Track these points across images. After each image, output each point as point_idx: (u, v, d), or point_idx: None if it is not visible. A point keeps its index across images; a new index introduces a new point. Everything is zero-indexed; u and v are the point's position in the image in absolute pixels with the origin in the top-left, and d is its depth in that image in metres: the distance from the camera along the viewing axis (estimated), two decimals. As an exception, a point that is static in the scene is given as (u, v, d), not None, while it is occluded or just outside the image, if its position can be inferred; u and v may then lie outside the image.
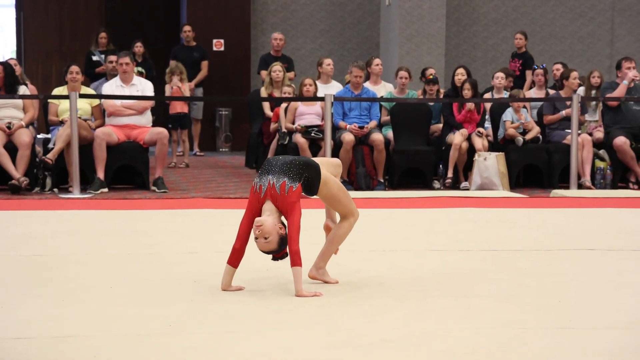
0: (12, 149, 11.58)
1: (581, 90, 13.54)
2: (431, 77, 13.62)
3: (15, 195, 11.31)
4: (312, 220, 6.87)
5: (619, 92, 12.88)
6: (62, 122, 12.00)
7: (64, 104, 12.01)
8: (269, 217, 5.61)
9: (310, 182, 5.85)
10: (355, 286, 6.05)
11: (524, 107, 13.13)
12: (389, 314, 5.28)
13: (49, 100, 12.39)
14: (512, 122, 12.90)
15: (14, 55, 17.47)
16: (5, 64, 12.18)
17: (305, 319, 5.17)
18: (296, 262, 5.59)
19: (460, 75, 13.27)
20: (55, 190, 11.75)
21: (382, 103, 13.08)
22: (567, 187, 12.45)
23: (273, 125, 13.49)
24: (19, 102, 11.99)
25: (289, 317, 5.21)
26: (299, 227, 5.69)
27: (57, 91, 12.50)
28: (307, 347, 4.58)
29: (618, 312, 5.39)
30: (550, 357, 4.44)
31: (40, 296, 5.63)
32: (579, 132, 12.69)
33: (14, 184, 11.37)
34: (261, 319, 5.16)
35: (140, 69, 13.92)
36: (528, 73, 14.85)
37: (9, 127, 11.65)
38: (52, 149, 11.75)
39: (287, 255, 5.70)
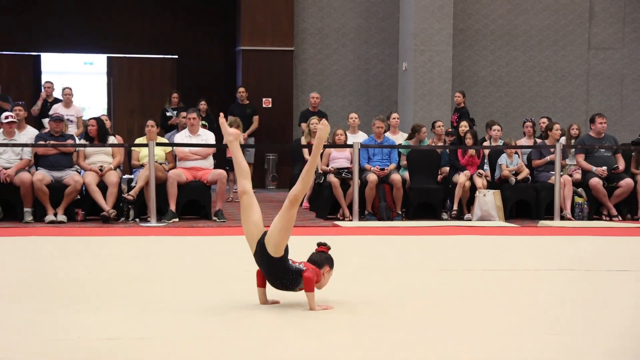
0: (103, 187, 11.67)
1: (563, 140, 13.52)
2: (450, 130, 13.70)
3: (105, 224, 11.37)
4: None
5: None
6: (142, 166, 12.09)
7: (144, 151, 12.10)
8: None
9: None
10: (375, 299, 6.03)
11: (516, 153, 13.10)
12: (404, 323, 5.26)
13: (132, 148, 12.48)
14: (507, 166, 12.88)
15: (105, 112, 17.60)
16: (98, 119, 12.29)
17: (335, 325, 5.16)
18: (309, 289, 5.47)
19: (463, 127, 13.29)
20: (137, 220, 11.81)
21: (400, 150, 13.08)
22: (552, 219, 12.39)
23: (311, 168, 13.49)
24: (109, 149, 12.09)
25: (321, 326, 5.20)
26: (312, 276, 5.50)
27: (138, 141, 12.59)
28: (336, 350, 4.57)
29: (595, 322, 5.35)
30: (539, 357, 4.41)
31: (124, 305, 5.65)
32: (561, 173, 12.67)
33: (104, 215, 11.45)
34: (298, 327, 5.14)
35: (204, 122, 14.01)
36: (462, 123, 14.51)
37: (100, 170, 11.74)
38: (134, 187, 11.83)
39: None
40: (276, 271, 5.45)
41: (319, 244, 5.76)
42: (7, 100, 15.81)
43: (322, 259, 5.67)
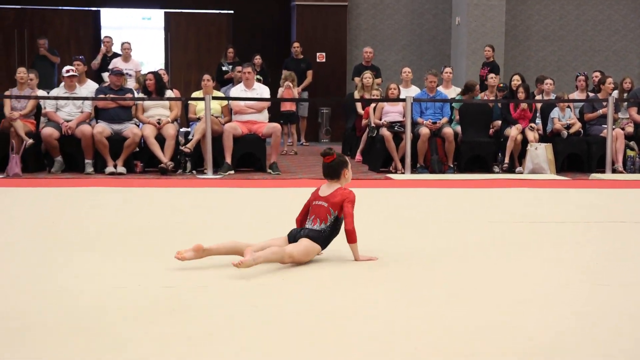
0: (161, 139, 11.76)
1: (615, 94, 13.34)
2: (501, 85, 13.48)
3: (163, 175, 11.49)
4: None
5: None
6: (198, 119, 12.15)
7: (200, 105, 12.15)
8: None
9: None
10: (428, 250, 6.03)
11: (568, 106, 12.94)
12: (456, 273, 5.26)
13: (189, 102, 12.54)
14: (559, 119, 12.73)
15: (163, 67, 17.68)
16: (155, 73, 12.35)
17: (384, 277, 5.17)
18: (352, 240, 5.52)
19: (516, 80, 13.13)
20: (194, 172, 11.90)
21: (452, 104, 12.97)
22: (603, 172, 12.25)
23: (364, 122, 13.49)
24: (166, 103, 12.17)
25: (374, 274, 5.22)
26: (353, 214, 5.53)
27: (195, 95, 12.65)
28: (389, 298, 4.58)
29: (644, 273, 5.31)
30: (586, 308, 4.39)
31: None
32: (613, 127, 12.49)
33: (162, 167, 11.56)
34: (351, 279, 5.17)
35: (258, 76, 14.01)
36: (495, 77, 14.29)
37: (158, 123, 11.83)
38: (191, 139, 11.90)
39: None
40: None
41: (324, 155, 5.67)
42: (55, 54, 15.97)
43: (335, 167, 5.65)
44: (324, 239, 5.51)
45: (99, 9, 18.78)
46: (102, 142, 11.57)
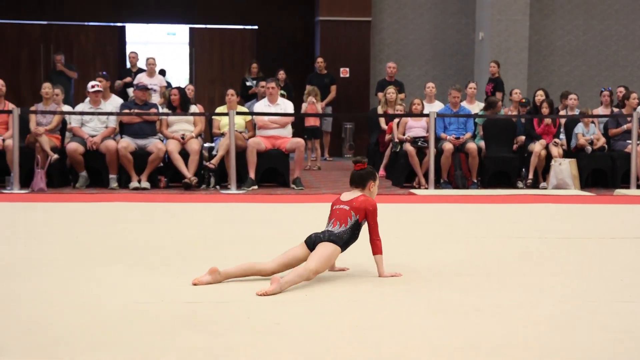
0: (185, 154, 11.79)
1: (640, 109, 13.28)
2: (524, 100, 13.40)
3: (187, 191, 11.51)
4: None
5: None
6: (223, 134, 12.18)
7: (224, 120, 12.18)
8: None
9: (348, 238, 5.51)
10: (453, 265, 6.01)
11: (592, 122, 12.87)
12: (480, 288, 5.24)
13: (213, 117, 12.58)
14: (583, 135, 12.66)
15: (188, 82, 17.77)
16: (180, 89, 12.41)
17: (408, 293, 5.15)
18: (377, 251, 5.52)
19: (540, 96, 13.07)
20: (218, 187, 11.92)
21: (476, 119, 12.93)
22: (628, 187, 12.17)
23: (387, 137, 13.46)
24: (190, 118, 12.21)
25: (397, 289, 5.20)
26: (377, 223, 5.54)
27: (219, 109, 12.68)
28: (413, 313, 4.57)
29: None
30: (611, 325, 4.35)
31: (204, 270, 5.71)
32: (638, 142, 12.40)
33: (186, 182, 11.58)
34: (374, 292, 5.16)
35: (282, 91, 14.04)
36: (498, 94, 14.30)
37: (182, 138, 11.87)
38: (215, 155, 11.93)
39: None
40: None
41: (355, 162, 5.73)
42: (72, 69, 16.06)
43: (363, 176, 5.67)
44: (343, 242, 5.48)
45: (124, 24, 18.91)
46: (127, 157, 11.61)
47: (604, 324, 4.36)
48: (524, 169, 12.76)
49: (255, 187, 11.81)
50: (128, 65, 16.20)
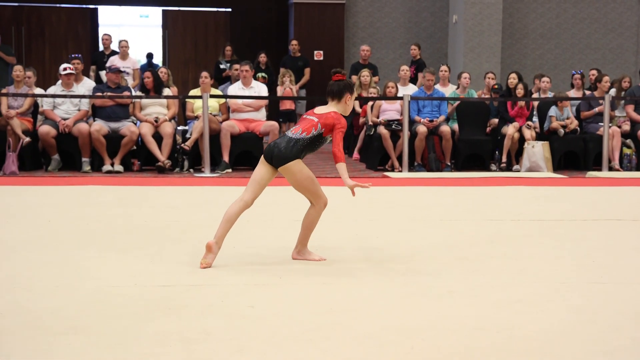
0: (158, 138, 11.74)
1: (613, 92, 13.35)
2: (496, 86, 13.40)
3: (160, 174, 11.47)
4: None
5: None
6: (196, 117, 12.13)
7: (198, 103, 12.13)
8: None
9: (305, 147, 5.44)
10: (426, 248, 6.03)
11: (566, 106, 12.92)
12: (453, 271, 5.25)
13: (187, 100, 12.52)
14: (557, 118, 12.71)
15: (161, 64, 17.64)
16: (153, 71, 12.33)
17: (381, 275, 5.16)
18: (338, 160, 5.40)
19: (513, 79, 13.08)
20: (191, 170, 11.88)
21: (449, 101, 12.96)
22: (600, 170, 12.25)
23: (361, 119, 13.47)
24: (164, 101, 12.14)
25: (371, 272, 5.21)
26: (342, 140, 5.45)
27: (192, 92, 12.62)
28: (386, 296, 4.57)
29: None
30: (584, 306, 4.38)
31: (179, 253, 5.71)
32: (610, 125, 12.48)
33: (160, 166, 11.54)
34: (347, 274, 5.16)
35: (264, 74, 13.99)
36: (420, 75, 14.45)
37: (156, 121, 11.81)
38: (189, 138, 11.88)
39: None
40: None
41: (335, 72, 5.70)
42: (11, 54, 15.30)
43: (340, 88, 5.60)
44: (300, 149, 5.39)
45: (96, 6, 18.75)
46: (100, 140, 11.54)
47: (576, 305, 4.38)
48: (497, 152, 12.82)
49: (229, 170, 11.78)
50: (101, 47, 16.05)
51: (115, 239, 6.29)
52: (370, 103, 12.97)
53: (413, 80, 14.79)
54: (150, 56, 16.32)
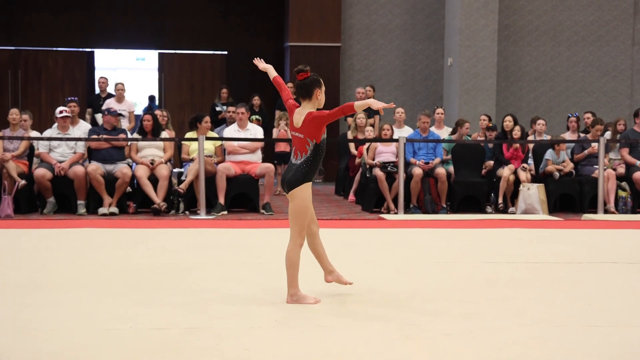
0: (154, 180, 11.76)
1: (608, 135, 13.41)
2: (491, 124, 13.47)
3: (156, 216, 11.47)
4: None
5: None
6: (192, 159, 12.16)
7: (194, 145, 12.17)
8: None
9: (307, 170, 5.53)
10: (422, 290, 6.02)
11: (559, 148, 12.97)
12: (450, 313, 5.25)
13: (182, 142, 12.56)
14: (552, 162, 12.75)
15: (157, 107, 17.72)
16: (153, 115, 12.39)
17: (379, 317, 5.16)
18: (349, 105, 5.46)
19: (508, 121, 13.13)
20: (187, 212, 11.88)
21: (443, 144, 13.02)
22: (595, 212, 12.26)
23: (357, 161, 13.52)
24: (160, 143, 12.18)
25: (368, 314, 5.20)
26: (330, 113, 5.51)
27: (188, 135, 12.66)
28: (383, 339, 4.57)
29: (636, 313, 5.29)
30: (581, 349, 4.38)
31: (175, 296, 5.70)
32: (605, 167, 12.52)
33: (155, 208, 11.54)
34: (344, 316, 5.16)
35: (258, 117, 14.06)
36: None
37: (152, 163, 11.83)
38: (184, 180, 11.90)
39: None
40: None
41: (298, 71, 5.68)
42: None
43: (308, 86, 5.63)
44: (304, 172, 5.49)
45: (93, 50, 18.87)
46: (98, 179, 11.55)
47: (572, 349, 4.38)
48: (492, 194, 12.84)
49: (225, 212, 11.79)
50: (97, 90, 16.13)
51: (111, 281, 6.29)
52: (366, 145, 13.02)
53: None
54: (152, 99, 16.42)
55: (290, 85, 15.62)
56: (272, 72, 6.09)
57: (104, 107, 13.79)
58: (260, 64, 6.20)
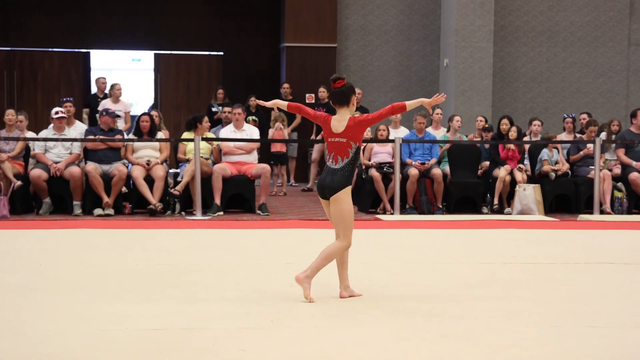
0: (150, 180, 11.75)
1: (603, 135, 13.43)
2: (487, 125, 13.48)
3: (152, 217, 11.46)
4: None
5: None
6: (188, 160, 12.15)
7: (190, 146, 12.17)
8: None
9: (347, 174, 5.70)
10: (418, 291, 6.03)
11: (555, 147, 12.98)
12: (446, 314, 5.25)
13: (179, 143, 12.54)
14: (548, 162, 12.76)
15: (153, 108, 17.69)
16: (150, 116, 12.39)
17: (374, 318, 5.16)
18: (399, 104, 5.76)
19: (505, 124, 13.11)
20: (183, 213, 11.88)
21: (440, 144, 13.03)
22: (591, 213, 12.27)
23: (354, 162, 13.50)
24: (156, 144, 12.17)
25: (363, 315, 5.21)
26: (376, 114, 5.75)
27: (184, 135, 12.66)
28: (379, 339, 4.57)
29: (634, 314, 5.30)
30: (576, 350, 4.38)
31: (171, 297, 5.70)
32: (601, 168, 12.54)
33: (151, 208, 11.53)
34: (340, 317, 5.16)
35: (254, 117, 14.05)
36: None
37: (148, 164, 11.83)
38: (180, 181, 11.90)
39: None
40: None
41: (335, 79, 5.80)
42: None
43: (346, 92, 5.77)
44: (347, 176, 5.64)
45: (89, 50, 18.85)
46: (97, 179, 11.54)
47: (570, 350, 4.39)
48: (488, 195, 12.85)
49: (221, 213, 11.78)
50: (93, 91, 16.08)
51: (107, 282, 6.28)
52: (362, 145, 13.01)
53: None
54: (154, 107, 16.39)
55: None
56: (282, 104, 6.10)
57: (100, 108, 13.76)
58: (266, 103, 6.23)
